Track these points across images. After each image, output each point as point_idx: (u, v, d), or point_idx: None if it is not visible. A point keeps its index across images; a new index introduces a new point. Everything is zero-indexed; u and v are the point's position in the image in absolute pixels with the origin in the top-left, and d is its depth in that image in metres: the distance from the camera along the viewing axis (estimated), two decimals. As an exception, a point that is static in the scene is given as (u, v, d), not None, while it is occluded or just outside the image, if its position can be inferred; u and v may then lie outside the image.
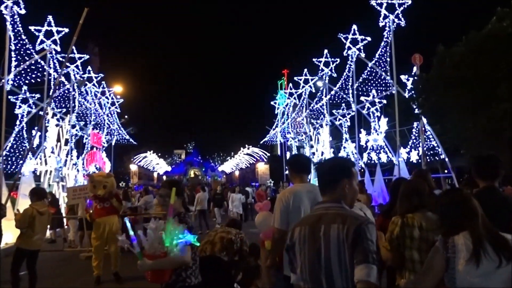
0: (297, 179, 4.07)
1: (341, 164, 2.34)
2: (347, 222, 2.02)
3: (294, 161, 4.37)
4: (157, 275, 3.18)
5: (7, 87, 12.42)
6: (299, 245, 2.15)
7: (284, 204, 3.82)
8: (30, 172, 14.80)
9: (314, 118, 23.61)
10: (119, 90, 31.50)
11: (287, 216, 3.78)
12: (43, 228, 7.13)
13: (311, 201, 3.78)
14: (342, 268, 1.98)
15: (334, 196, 2.20)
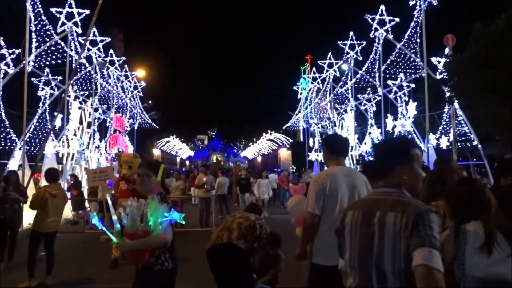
0: (333, 161, 3.71)
1: (398, 146, 2.08)
2: (407, 210, 1.82)
3: (331, 141, 3.95)
4: (136, 256, 3.01)
5: (28, 68, 12.34)
6: (350, 230, 2.00)
7: (320, 187, 3.48)
8: (52, 154, 14.86)
9: (338, 103, 23.00)
10: (141, 74, 31.48)
11: (322, 201, 3.45)
12: (58, 210, 6.96)
13: (349, 186, 3.49)
14: (395, 262, 1.79)
15: (392, 182, 1.99)
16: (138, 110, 29.10)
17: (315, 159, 28.57)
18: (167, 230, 2.94)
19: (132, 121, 28.91)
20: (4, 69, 12.30)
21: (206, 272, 4.05)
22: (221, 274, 3.86)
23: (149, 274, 3.15)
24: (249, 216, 4.30)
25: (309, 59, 58.41)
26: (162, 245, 3.03)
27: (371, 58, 17.64)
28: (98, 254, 9.47)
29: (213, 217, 12.33)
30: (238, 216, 4.35)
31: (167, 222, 2.91)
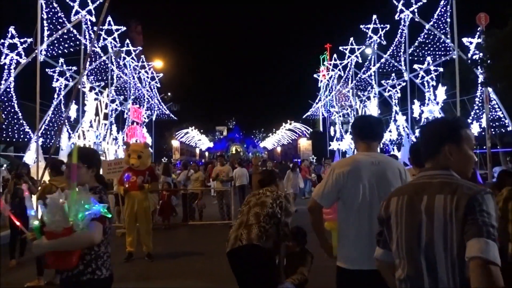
0: (362, 146, 3.07)
1: (445, 126, 1.92)
2: (457, 192, 1.67)
3: (359, 123, 3.28)
4: (60, 259, 2.44)
5: (40, 57, 11.99)
6: (396, 218, 1.85)
7: (336, 175, 2.90)
8: (67, 146, 14.58)
9: (360, 90, 22.15)
10: (159, 65, 31.16)
11: (335, 191, 2.89)
12: (67, 204, 6.55)
13: (377, 177, 2.84)
14: (447, 249, 1.65)
15: (439, 163, 1.84)
16: (156, 101, 28.78)
17: (336, 148, 27.84)
18: (93, 227, 2.41)
19: (149, 112, 28.66)
20: (16, 59, 11.98)
21: (225, 269, 3.86)
22: (243, 276, 3.65)
23: (76, 285, 2.57)
24: (265, 200, 3.84)
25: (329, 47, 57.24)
26: (87, 244, 2.48)
27: (396, 42, 16.74)
28: (113, 248, 9.06)
29: (232, 210, 11.81)
30: (253, 203, 3.89)
31: (91, 216, 2.37)
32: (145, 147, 8.58)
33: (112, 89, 19.32)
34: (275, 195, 3.87)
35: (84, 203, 2.32)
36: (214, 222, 11.85)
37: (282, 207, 3.76)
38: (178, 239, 10.27)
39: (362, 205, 2.83)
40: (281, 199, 3.83)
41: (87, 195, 2.38)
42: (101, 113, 17.66)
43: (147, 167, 8.35)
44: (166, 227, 11.72)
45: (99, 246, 2.62)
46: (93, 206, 2.37)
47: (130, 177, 8.07)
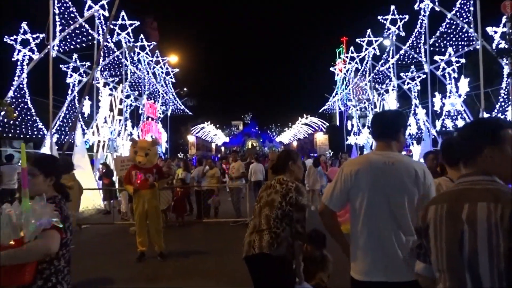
0: (378, 146, 2.79)
1: (483, 127, 1.82)
2: (501, 199, 1.58)
3: (374, 120, 2.97)
4: (13, 274, 2.19)
5: (52, 53, 11.89)
6: (434, 228, 1.75)
7: (344, 175, 2.65)
8: (82, 142, 14.51)
9: (378, 83, 21.59)
10: (174, 60, 31.05)
11: (345, 193, 2.64)
12: (74, 204, 6.36)
13: (388, 179, 2.54)
14: (493, 262, 1.54)
15: (479, 168, 1.74)
16: (171, 96, 28.68)
17: (354, 143, 27.35)
18: (47, 236, 2.20)
19: (165, 107, 28.58)
20: (29, 54, 11.89)
21: (238, 269, 3.86)
22: (259, 282, 3.48)
23: None
24: (274, 196, 3.50)
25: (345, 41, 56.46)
26: (42, 255, 2.27)
27: (415, 32, 16.17)
28: (122, 248, 8.91)
29: (247, 207, 11.55)
30: (264, 201, 3.57)
31: (41, 226, 2.16)
32: (152, 145, 8.37)
33: (126, 84, 19.20)
34: (284, 189, 3.47)
35: (38, 213, 2.11)
36: (229, 220, 11.63)
37: (292, 203, 3.42)
38: (192, 237, 10.08)
39: (370, 210, 2.55)
40: (291, 194, 3.43)
41: (42, 205, 2.19)
42: (115, 109, 17.56)
43: (153, 164, 8.15)
44: (180, 225, 11.54)
45: (59, 260, 2.42)
46: (44, 216, 2.17)
47: (139, 176, 7.89)
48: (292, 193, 3.44)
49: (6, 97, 11.50)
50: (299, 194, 3.46)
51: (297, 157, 3.84)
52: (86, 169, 14.49)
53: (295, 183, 3.55)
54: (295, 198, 3.42)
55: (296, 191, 3.46)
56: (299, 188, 3.51)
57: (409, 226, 2.50)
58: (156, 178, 8.08)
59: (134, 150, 8.02)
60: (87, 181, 14.31)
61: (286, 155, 3.84)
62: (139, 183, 7.85)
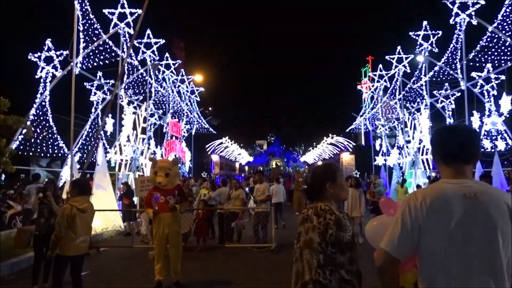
0: (446, 171, 2.13)
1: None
2: None
3: (441, 138, 2.26)
4: None
5: (76, 70, 11.68)
6: None
7: (413, 211, 1.99)
8: (103, 161, 14.21)
9: (410, 101, 20.74)
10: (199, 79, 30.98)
11: (415, 234, 1.98)
12: (87, 227, 5.83)
13: (473, 217, 1.90)
14: None
15: None
16: (195, 115, 28.45)
17: (382, 164, 26.35)
18: None
19: (189, 126, 28.35)
20: (52, 72, 11.73)
21: None
22: None
23: None
24: (312, 235, 2.67)
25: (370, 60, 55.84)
26: None
27: (451, 48, 15.38)
28: (139, 275, 8.35)
29: (273, 232, 10.84)
30: (303, 241, 2.72)
31: None
32: (173, 164, 7.85)
33: (150, 102, 18.99)
34: (322, 224, 2.64)
35: None
36: (253, 245, 10.95)
37: (334, 242, 2.63)
38: (213, 264, 9.42)
39: (452, 258, 1.90)
40: (330, 231, 2.63)
41: None
42: (139, 127, 17.30)
43: (175, 185, 7.63)
44: (201, 249, 10.93)
45: None
46: None
47: (159, 198, 7.37)
48: (332, 229, 2.65)
49: (29, 114, 11.29)
50: (340, 229, 2.68)
51: (337, 174, 2.96)
52: (107, 189, 14.15)
53: (334, 214, 2.72)
54: (335, 236, 2.65)
55: (336, 225, 2.67)
56: (339, 221, 2.70)
57: (503, 278, 1.85)
58: (178, 200, 7.55)
59: (154, 171, 7.54)
60: (108, 201, 13.97)
61: (322, 173, 2.97)
62: (158, 206, 7.33)
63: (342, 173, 3.09)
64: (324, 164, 3.26)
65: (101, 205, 13.37)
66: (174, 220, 7.46)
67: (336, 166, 3.19)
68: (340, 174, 3.01)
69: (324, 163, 3.49)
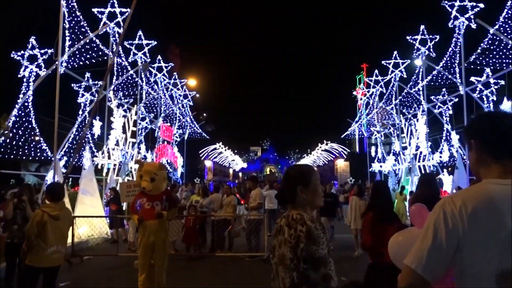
0: (493, 168, 1.64)
1: None
2: None
3: (491, 126, 1.71)
4: None
5: (60, 69, 11.16)
6: None
7: (449, 223, 1.52)
8: (90, 165, 13.63)
9: (407, 107, 20.37)
10: (192, 83, 30.54)
11: (451, 249, 1.52)
12: (61, 237, 5.29)
13: None
14: None
15: None
16: (188, 120, 27.91)
17: (378, 170, 25.96)
18: None
19: (181, 131, 27.79)
20: (36, 71, 11.19)
21: None
22: None
23: None
24: (284, 250, 2.31)
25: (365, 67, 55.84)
26: None
27: (450, 52, 15.04)
28: (124, 286, 7.80)
29: (265, 240, 10.31)
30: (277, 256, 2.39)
31: None
32: (160, 168, 7.33)
33: (141, 105, 18.45)
34: (293, 236, 2.27)
35: None
36: (244, 254, 10.42)
37: (306, 258, 2.22)
38: (202, 274, 8.87)
39: (503, 282, 1.44)
40: (301, 245, 2.23)
41: None
42: (128, 131, 16.75)
43: (161, 191, 7.12)
44: (191, 258, 10.38)
45: None
46: None
47: (143, 204, 6.85)
48: (302, 243, 2.23)
49: (11, 115, 10.72)
50: (311, 242, 2.23)
51: (312, 177, 2.50)
52: (94, 195, 13.57)
53: (306, 224, 2.27)
54: (306, 250, 2.22)
55: (307, 238, 2.24)
56: (311, 233, 2.25)
57: None
58: (166, 206, 7.03)
59: (139, 174, 7.01)
60: (95, 207, 13.39)
61: (294, 175, 2.53)
62: (144, 213, 6.79)
63: (318, 176, 2.57)
64: (298, 165, 2.77)
65: (87, 211, 12.81)
66: (160, 227, 6.93)
67: (312, 168, 2.69)
68: (316, 178, 2.53)
69: (298, 164, 2.97)
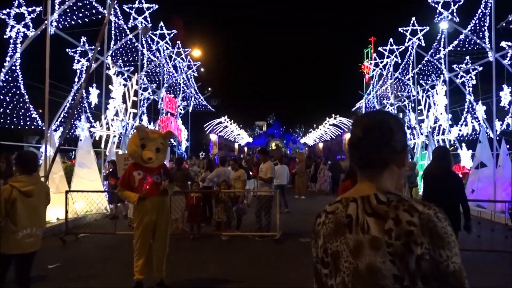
0: None
1: None
2: None
3: None
4: None
5: (50, 29, 10.06)
6: None
7: None
8: (87, 136, 12.68)
9: (426, 75, 19.08)
10: (197, 54, 29.25)
11: None
12: (35, 217, 4.33)
13: None
14: None
15: None
16: (193, 91, 26.76)
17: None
18: None
19: (186, 103, 26.70)
20: (24, 31, 10.09)
21: None
22: None
23: None
24: (373, 257, 1.20)
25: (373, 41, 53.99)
26: None
27: (479, 14, 13.70)
28: (121, 268, 6.93)
29: (277, 219, 9.38)
30: (347, 269, 1.27)
31: None
32: (166, 137, 6.36)
33: (142, 74, 17.34)
34: (396, 234, 1.19)
35: None
36: (254, 234, 9.52)
37: (431, 274, 1.17)
38: (207, 256, 7.99)
39: None
40: (418, 249, 1.16)
41: None
42: (129, 101, 15.73)
43: (161, 163, 6.17)
44: (195, 237, 9.51)
45: None
46: None
47: (148, 179, 5.88)
48: (419, 246, 1.16)
49: (-3, 80, 9.70)
50: (437, 243, 1.17)
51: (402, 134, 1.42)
52: (91, 168, 12.68)
53: (417, 212, 1.22)
54: (430, 260, 1.16)
55: (429, 236, 1.18)
56: (434, 228, 1.19)
57: None
58: (165, 180, 6.09)
59: (141, 143, 5.92)
60: (92, 181, 12.52)
61: (389, 127, 1.37)
62: (148, 189, 5.81)
63: None
64: (387, 112, 1.60)
65: (84, 185, 11.96)
66: (163, 206, 6.01)
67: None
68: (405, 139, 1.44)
69: (386, 111, 1.83)
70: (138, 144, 5.91)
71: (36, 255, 4.47)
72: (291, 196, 16.18)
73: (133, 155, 6.01)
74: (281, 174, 13.09)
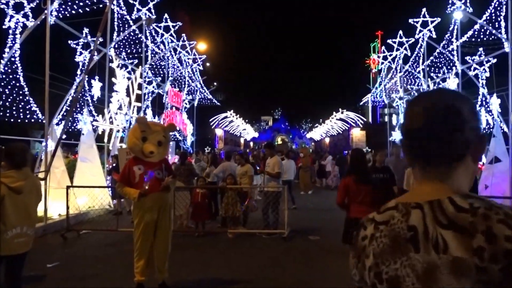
0: None
1: None
2: None
3: None
4: None
5: (50, 19, 9.73)
6: None
7: None
8: (89, 130, 12.38)
9: (437, 68, 18.55)
10: (202, 47, 28.88)
11: None
12: (25, 216, 3.98)
13: None
14: None
15: None
16: (198, 85, 26.38)
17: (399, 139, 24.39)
18: None
19: (191, 97, 26.34)
20: (23, 21, 9.75)
21: None
22: None
23: None
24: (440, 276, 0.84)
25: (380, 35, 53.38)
26: None
27: (494, 3, 13.19)
28: (122, 267, 6.61)
29: (285, 216, 9.01)
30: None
31: None
32: (168, 130, 6.01)
33: (146, 67, 16.99)
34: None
35: None
36: (261, 231, 9.17)
37: None
38: (211, 255, 7.66)
39: None
40: None
41: None
42: (133, 94, 15.40)
43: (163, 157, 5.82)
44: (200, 234, 9.18)
45: None
46: None
47: (152, 174, 5.53)
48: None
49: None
50: None
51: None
52: (94, 162, 12.39)
53: None
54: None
55: None
56: None
57: None
58: (167, 176, 5.74)
59: (142, 136, 5.56)
60: (95, 176, 12.23)
61: (463, 114, 1.00)
62: (150, 185, 5.45)
63: None
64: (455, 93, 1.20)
65: (87, 180, 11.67)
66: (165, 203, 5.66)
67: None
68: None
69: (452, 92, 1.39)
70: (139, 136, 5.56)
71: (35, 253, 4.16)
72: (296, 192, 15.84)
73: (133, 148, 5.67)
74: (288, 169, 12.75)
